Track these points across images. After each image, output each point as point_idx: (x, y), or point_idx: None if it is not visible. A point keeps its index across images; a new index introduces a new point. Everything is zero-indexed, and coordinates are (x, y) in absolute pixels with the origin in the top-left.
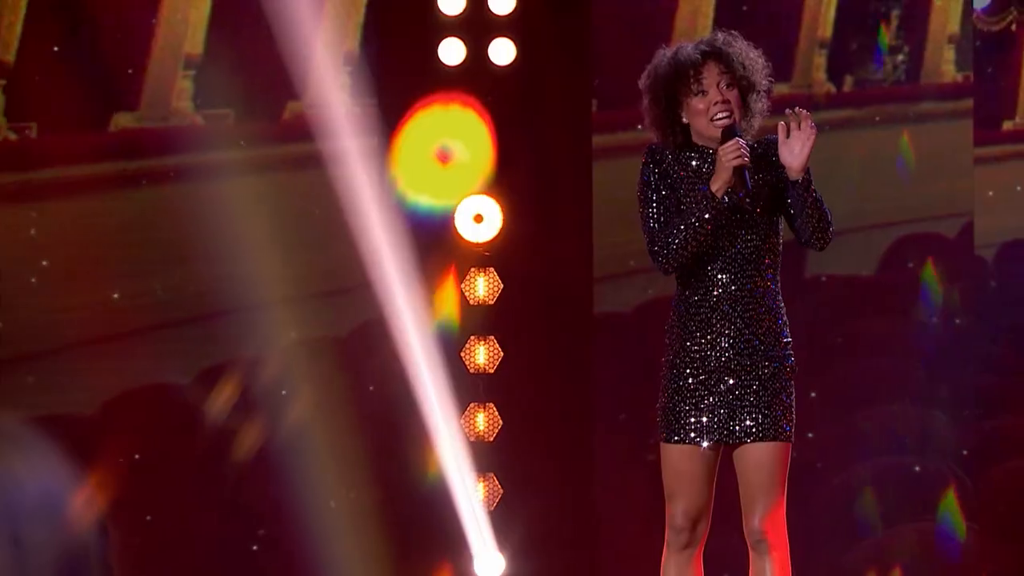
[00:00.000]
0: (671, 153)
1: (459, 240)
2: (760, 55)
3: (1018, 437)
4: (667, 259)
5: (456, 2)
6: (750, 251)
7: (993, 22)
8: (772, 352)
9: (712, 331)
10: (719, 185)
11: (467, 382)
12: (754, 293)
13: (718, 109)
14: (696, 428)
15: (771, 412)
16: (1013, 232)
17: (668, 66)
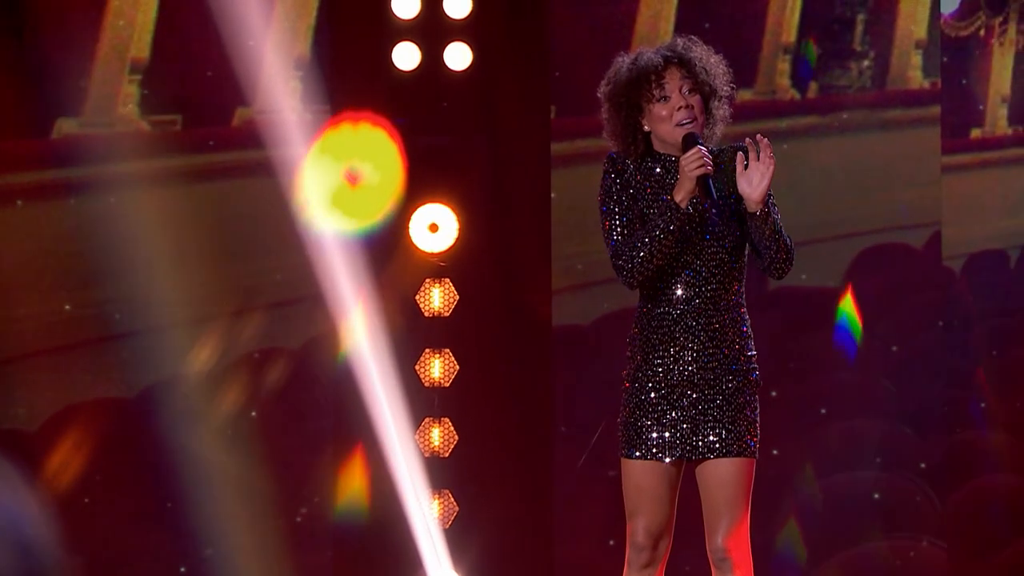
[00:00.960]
0: (633, 161)
1: (414, 250)
2: (721, 60)
3: (987, 453)
4: (632, 273)
5: (410, 5)
6: (715, 263)
7: (961, 27)
8: (736, 366)
9: (675, 344)
10: (682, 195)
11: (422, 396)
12: (718, 306)
13: (682, 115)
14: (658, 443)
15: (735, 427)
16: (981, 242)
17: (628, 72)
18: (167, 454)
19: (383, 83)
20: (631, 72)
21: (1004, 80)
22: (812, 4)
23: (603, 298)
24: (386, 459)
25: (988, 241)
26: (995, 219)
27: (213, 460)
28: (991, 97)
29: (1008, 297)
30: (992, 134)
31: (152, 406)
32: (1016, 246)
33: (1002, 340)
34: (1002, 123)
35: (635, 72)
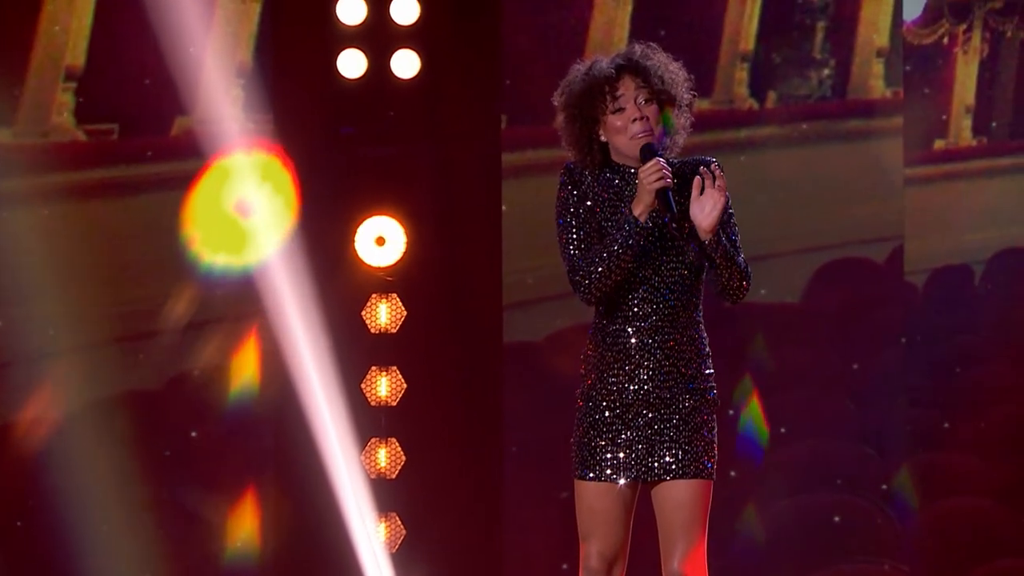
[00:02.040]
0: (590, 172)
1: (359, 264)
2: (680, 67)
3: (951, 474)
4: (589, 289)
5: (356, 11)
6: (673, 279)
7: (924, 34)
8: (693, 385)
9: (631, 362)
10: (641, 209)
11: (368, 415)
12: (675, 323)
13: (637, 127)
14: (612, 464)
15: (692, 448)
16: (945, 257)
17: (582, 82)
18: (101, 477)
19: (328, 91)
20: (585, 82)
21: (968, 89)
22: (771, 11)
23: (556, 314)
24: (331, 481)
25: (952, 256)
26: (959, 233)
27: (150, 482)
28: (955, 107)
29: (972, 313)
30: (956, 145)
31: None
32: (981, 261)
33: (966, 358)
34: (966, 134)
35: (589, 82)
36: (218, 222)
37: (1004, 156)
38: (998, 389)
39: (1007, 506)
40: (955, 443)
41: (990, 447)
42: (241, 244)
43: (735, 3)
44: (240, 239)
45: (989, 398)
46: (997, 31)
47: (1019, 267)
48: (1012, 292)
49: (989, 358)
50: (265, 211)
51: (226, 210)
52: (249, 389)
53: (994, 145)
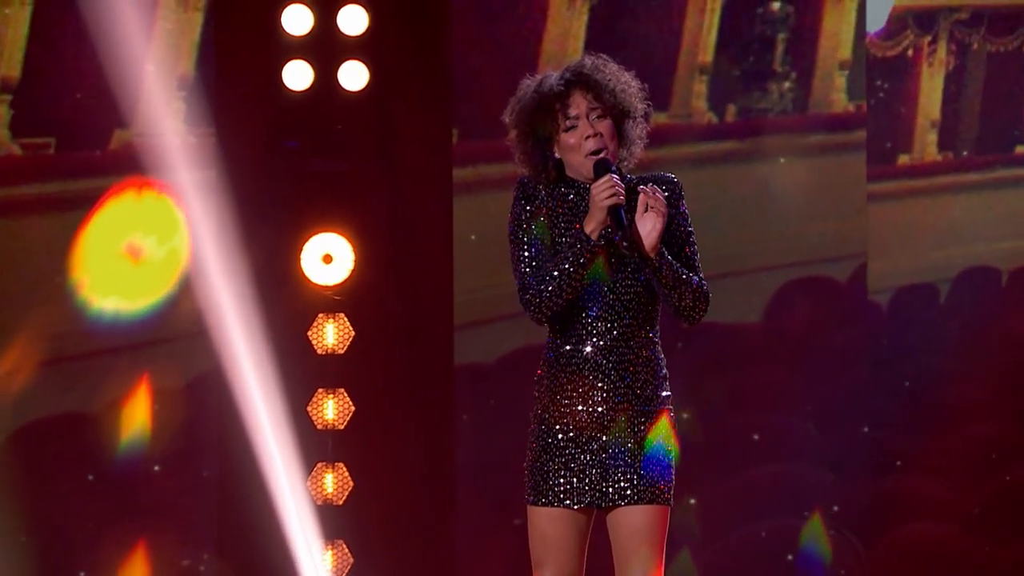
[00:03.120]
0: (544, 187)
1: (306, 283)
2: (633, 78)
3: (914, 499)
4: (539, 308)
5: (302, 21)
6: (628, 297)
7: (888, 47)
8: (648, 407)
9: (584, 383)
10: (593, 226)
11: (314, 439)
12: (631, 343)
13: (590, 144)
14: (566, 490)
15: (647, 473)
16: (909, 275)
17: (532, 99)
18: (41, 498)
19: (273, 104)
20: (535, 99)
21: (933, 103)
22: (730, 23)
23: (509, 334)
24: (275, 507)
25: (917, 274)
26: (924, 251)
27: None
28: (920, 121)
29: (938, 334)
30: (921, 160)
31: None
32: (946, 279)
33: (931, 379)
34: (931, 149)
35: (539, 99)
36: (108, 265)
37: (970, 172)
38: (963, 411)
39: (972, 533)
40: (919, 467)
41: (955, 471)
42: (132, 288)
43: (693, 14)
44: (132, 283)
45: (954, 421)
46: (963, 43)
47: (985, 286)
48: (978, 312)
49: (954, 380)
50: (157, 253)
51: (117, 252)
52: (141, 435)
53: (960, 160)
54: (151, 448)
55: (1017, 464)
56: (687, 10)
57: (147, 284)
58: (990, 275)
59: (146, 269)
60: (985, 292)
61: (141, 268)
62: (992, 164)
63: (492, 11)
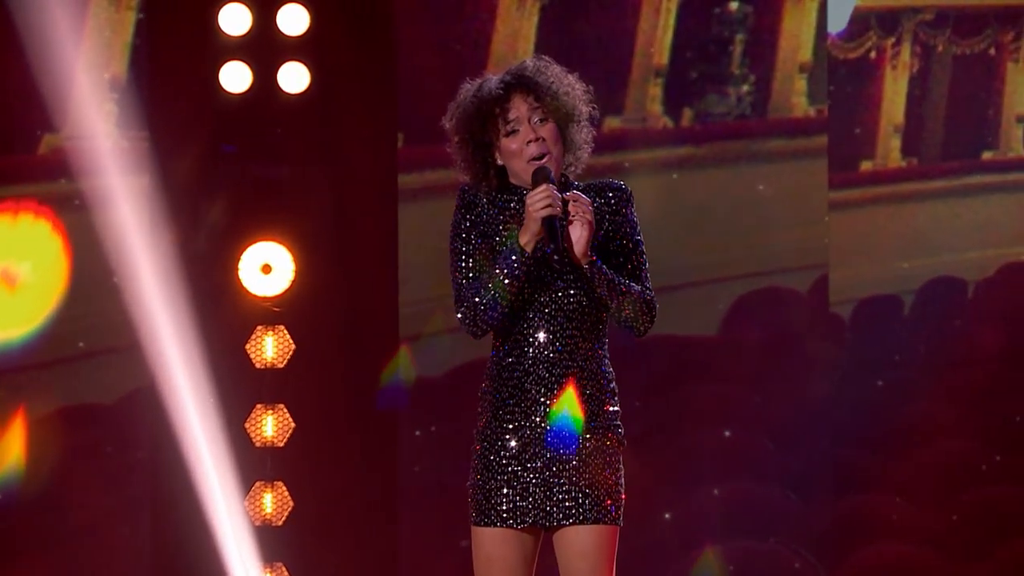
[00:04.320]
0: (487, 195)
1: (244, 294)
2: (577, 79)
3: (879, 519)
4: (474, 322)
5: (240, 20)
6: (571, 307)
7: (850, 48)
8: (595, 423)
9: (526, 398)
10: (528, 238)
11: (253, 458)
12: (574, 355)
13: (532, 149)
14: (509, 509)
15: (593, 491)
16: (872, 286)
17: (472, 104)
18: None
19: (209, 107)
20: (474, 104)
21: (897, 107)
22: (686, 23)
23: (458, 347)
24: (211, 529)
25: (880, 285)
26: (888, 261)
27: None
28: (883, 126)
29: (902, 347)
30: (884, 167)
31: None
32: (911, 291)
33: (895, 394)
34: (895, 155)
35: (478, 104)
36: None
37: (935, 179)
38: (929, 428)
39: (938, 553)
40: (883, 486)
41: (920, 490)
42: (6, 318)
43: (648, 14)
44: (5, 313)
45: (919, 438)
46: (928, 45)
47: (951, 297)
48: (944, 324)
49: (919, 395)
50: (32, 281)
51: None
52: (15, 471)
53: (925, 167)
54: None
55: (984, 482)
56: (641, 10)
57: (22, 313)
58: (956, 286)
59: (21, 297)
60: (951, 304)
61: (17, 296)
62: (958, 171)
63: (439, 11)
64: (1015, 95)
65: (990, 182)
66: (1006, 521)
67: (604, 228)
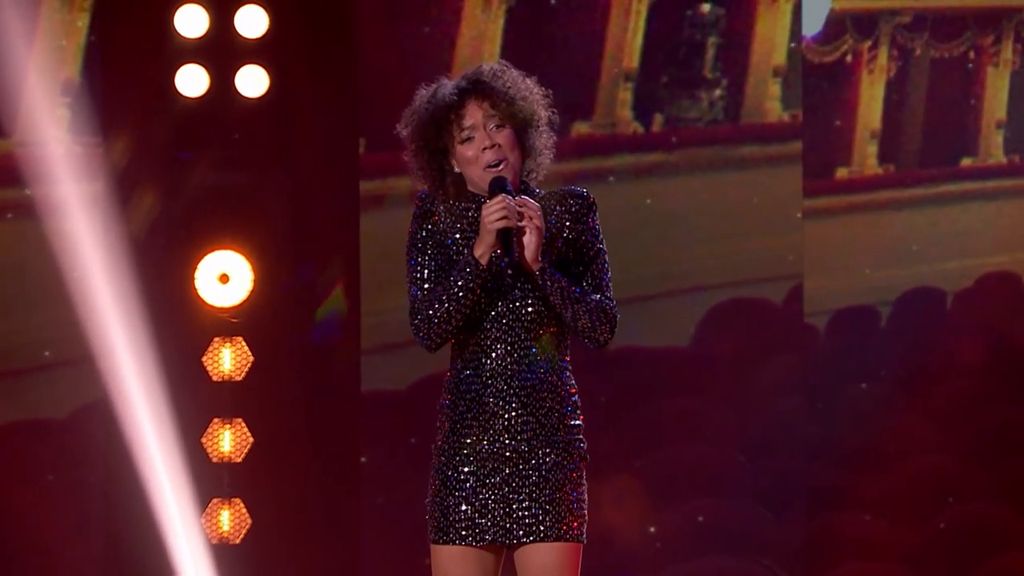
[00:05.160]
0: (444, 203)
1: (200, 304)
2: (535, 84)
3: (854, 537)
4: (428, 335)
5: (197, 23)
6: (530, 317)
7: (825, 52)
8: (556, 437)
9: (485, 411)
10: (483, 250)
11: (209, 473)
12: (533, 367)
13: (488, 156)
14: (468, 526)
15: (554, 508)
16: (848, 297)
17: (426, 110)
18: None
19: (165, 111)
20: (429, 110)
21: (874, 113)
22: (657, 26)
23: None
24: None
25: (856, 296)
26: (864, 270)
27: None
28: (859, 132)
29: (878, 360)
30: (860, 174)
31: None
32: (888, 301)
33: (871, 409)
34: (871, 162)
35: (433, 110)
36: None
37: (913, 186)
38: (905, 443)
39: (914, 571)
40: (858, 503)
41: (896, 508)
42: None
43: (618, 16)
44: None
45: (896, 454)
46: (905, 48)
47: (929, 309)
48: (922, 336)
49: (896, 409)
50: None
51: None
52: None
53: (902, 174)
54: None
55: (961, 500)
56: (611, 12)
57: None
58: (934, 297)
59: None
60: (929, 315)
61: None
62: (936, 178)
63: (402, 13)
64: (995, 100)
65: (969, 189)
66: (984, 539)
67: (565, 236)
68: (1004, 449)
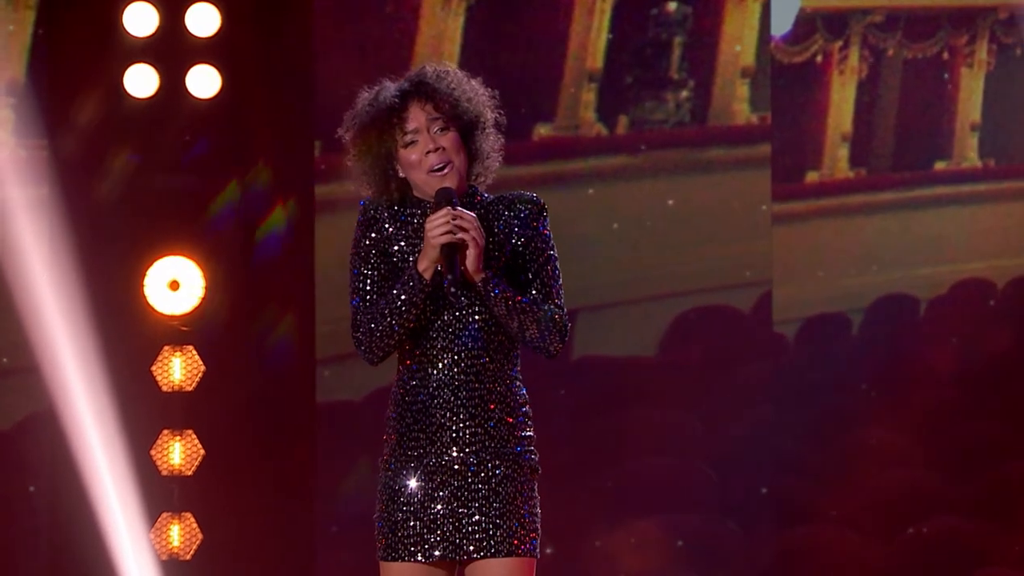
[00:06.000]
0: (389, 210)
1: (150, 312)
2: (480, 85)
3: (825, 552)
4: (370, 349)
5: (146, 21)
6: (477, 326)
7: (795, 52)
8: (505, 449)
9: (432, 423)
10: (426, 264)
11: (159, 486)
12: (481, 377)
13: (432, 159)
14: (417, 542)
15: (505, 522)
16: (819, 304)
17: (368, 114)
18: None
19: (114, 113)
20: (370, 113)
21: (845, 115)
22: (622, 25)
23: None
24: (114, 564)
25: (827, 303)
26: (835, 277)
27: None
28: (830, 135)
29: (850, 369)
30: (831, 178)
31: None
32: (859, 309)
33: (842, 420)
34: (843, 165)
35: (375, 113)
36: None
37: (885, 190)
38: (878, 456)
39: None
40: (829, 517)
41: (868, 522)
42: None
43: (581, 15)
44: None
45: (869, 465)
46: (877, 48)
47: (902, 316)
48: (894, 345)
49: (868, 420)
50: None
51: None
52: None
53: (874, 178)
54: None
55: (933, 514)
56: (574, 11)
57: None
58: (907, 304)
59: None
60: (901, 323)
61: None
62: (909, 182)
63: (358, 11)
64: (969, 102)
65: (943, 194)
66: (957, 554)
67: (513, 242)
68: (977, 462)
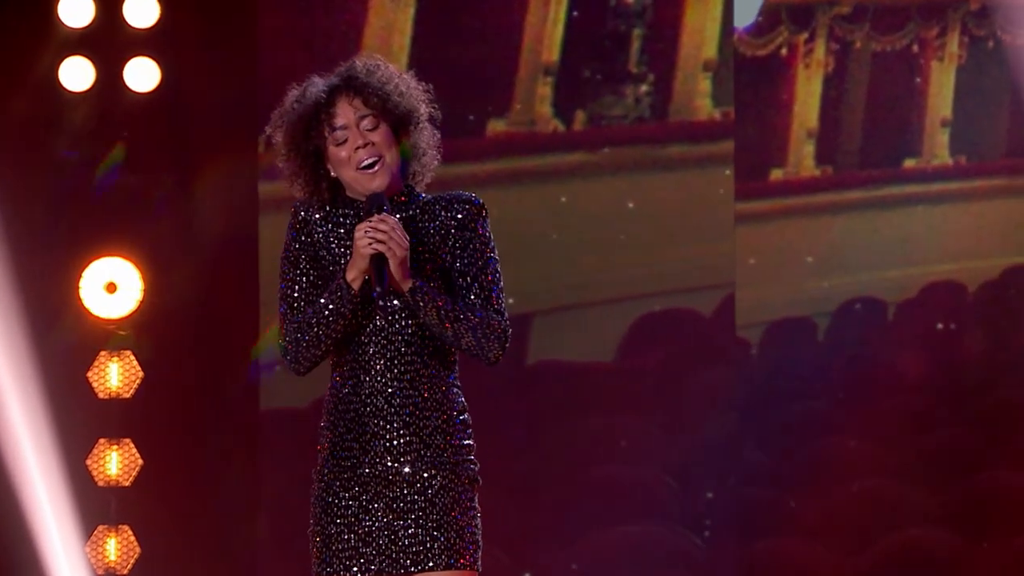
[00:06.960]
0: (320, 211)
1: (85, 315)
2: (412, 78)
3: (790, 564)
4: (296, 358)
5: (82, 11)
6: (411, 330)
7: (759, 45)
8: (442, 458)
9: (365, 432)
10: (355, 274)
11: (95, 498)
12: (416, 383)
13: (361, 155)
14: (351, 556)
15: (443, 534)
16: (783, 308)
17: (295, 111)
18: None
19: (48, 106)
20: (298, 110)
21: (811, 110)
22: (579, 16)
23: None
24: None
25: (791, 307)
26: (800, 279)
27: None
28: (795, 131)
29: (815, 375)
30: (796, 176)
31: None
32: (825, 312)
33: (808, 427)
34: (808, 162)
35: (302, 110)
36: None
37: (852, 189)
38: (844, 464)
39: None
40: (796, 527)
41: (835, 532)
42: None
43: (537, 6)
44: None
45: (835, 474)
46: (844, 41)
47: (869, 320)
48: (862, 350)
49: (834, 428)
50: None
51: None
52: None
53: (841, 176)
54: None
55: (904, 523)
56: (530, 1)
57: None
58: (875, 308)
59: None
60: (869, 327)
61: None
62: (877, 180)
63: (305, 2)
64: (939, 97)
65: (912, 193)
66: (929, 565)
67: (450, 244)
68: (947, 471)
